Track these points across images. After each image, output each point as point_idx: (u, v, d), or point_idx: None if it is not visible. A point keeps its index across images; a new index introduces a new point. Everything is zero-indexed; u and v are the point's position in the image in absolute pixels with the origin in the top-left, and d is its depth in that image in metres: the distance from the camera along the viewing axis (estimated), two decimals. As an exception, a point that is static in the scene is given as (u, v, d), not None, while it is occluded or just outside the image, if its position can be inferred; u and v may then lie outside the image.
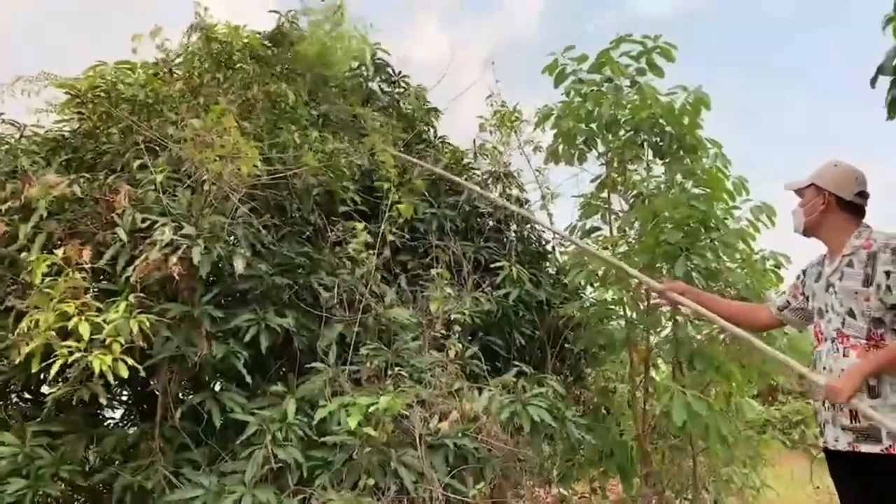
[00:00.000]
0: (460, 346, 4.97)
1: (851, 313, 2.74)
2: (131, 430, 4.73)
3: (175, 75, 5.35)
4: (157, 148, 4.64)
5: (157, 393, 4.89)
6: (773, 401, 8.31)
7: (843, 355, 2.76)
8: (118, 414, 5.28)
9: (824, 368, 2.87)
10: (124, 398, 5.22)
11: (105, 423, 4.98)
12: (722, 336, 5.73)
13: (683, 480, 6.14)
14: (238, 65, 5.07)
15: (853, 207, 2.86)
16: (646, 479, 6.05)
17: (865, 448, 2.67)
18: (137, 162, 4.45)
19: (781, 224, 5.78)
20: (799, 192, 3.03)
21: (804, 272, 3.17)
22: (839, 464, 2.88)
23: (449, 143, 6.79)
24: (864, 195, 2.87)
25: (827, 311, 2.88)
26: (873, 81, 2.91)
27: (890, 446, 2.59)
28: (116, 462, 4.37)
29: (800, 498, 7.18)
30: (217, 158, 3.80)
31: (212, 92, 4.69)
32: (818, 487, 5.95)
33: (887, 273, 2.63)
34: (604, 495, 6.54)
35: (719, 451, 5.05)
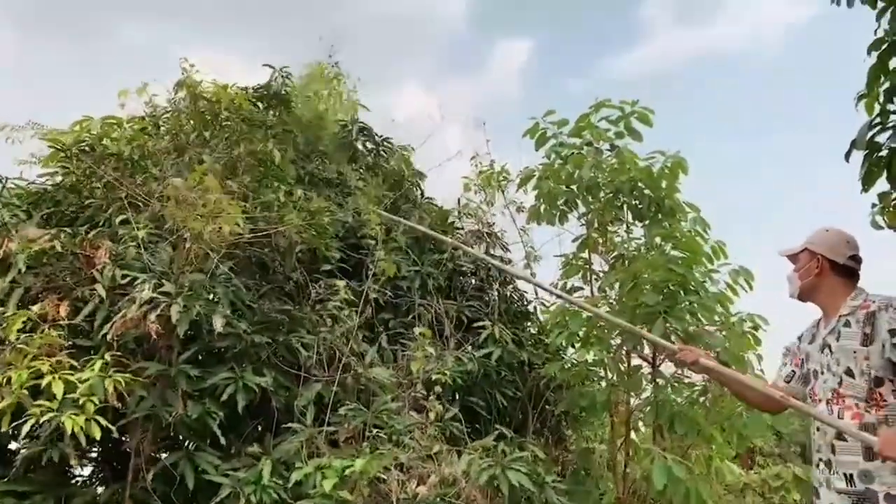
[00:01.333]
0: (441, 407, 4.92)
1: (850, 373, 2.75)
2: (101, 490, 4.62)
3: (158, 132, 5.41)
4: (141, 204, 4.64)
5: (128, 451, 4.80)
6: (752, 464, 8.26)
7: (839, 416, 2.76)
8: (87, 471, 5.13)
9: (818, 430, 2.87)
10: (93, 455, 5.08)
11: (74, 482, 4.84)
12: (702, 399, 5.74)
13: (665, 546, 6.03)
14: (224, 123, 5.12)
15: (847, 271, 2.91)
16: (627, 544, 5.95)
17: None
18: (120, 217, 4.44)
19: (759, 287, 5.86)
20: (792, 257, 3.08)
21: (799, 338, 3.19)
22: None
23: (434, 204, 6.86)
24: (856, 259, 2.92)
25: (822, 372, 2.89)
26: (847, 156, 3.01)
27: None
28: (86, 523, 4.24)
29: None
30: (198, 217, 3.80)
31: (197, 150, 4.71)
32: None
33: (892, 332, 2.66)
34: (585, 562, 6.40)
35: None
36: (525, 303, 6.92)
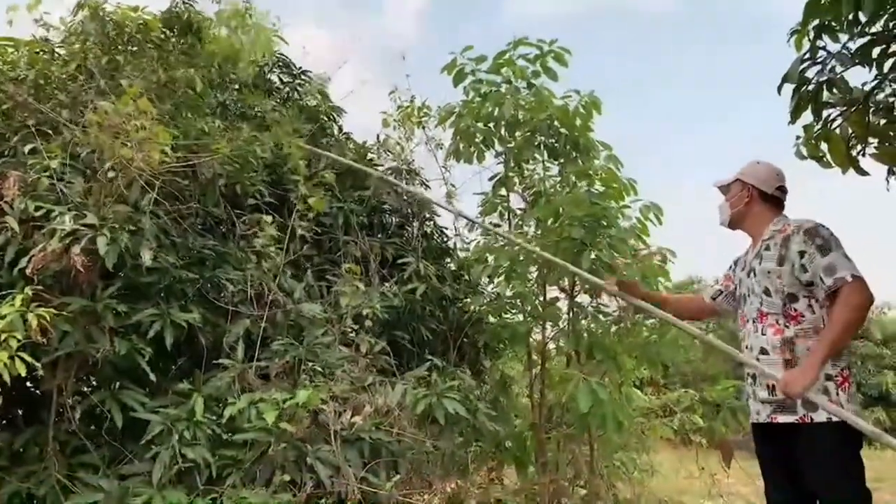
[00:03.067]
0: (371, 341, 4.96)
1: (767, 292, 3.00)
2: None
3: (59, 55, 5.02)
4: (50, 132, 4.33)
5: (39, 393, 4.59)
6: (659, 390, 8.83)
7: (762, 333, 3.02)
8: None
9: (747, 347, 3.13)
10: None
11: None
12: (614, 328, 6.06)
13: (577, 467, 6.40)
14: (136, 48, 4.81)
15: (774, 200, 3.15)
16: (542, 467, 6.27)
17: (782, 418, 2.92)
18: (28, 146, 4.12)
19: (668, 222, 6.19)
20: (724, 188, 3.29)
21: (735, 262, 3.43)
22: (761, 434, 3.13)
23: (352, 139, 6.76)
24: (783, 189, 3.15)
25: (749, 295, 3.14)
26: (779, 89, 3.20)
27: (804, 415, 2.84)
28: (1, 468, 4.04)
29: (681, 483, 7.69)
30: (126, 144, 3.59)
31: (112, 75, 4.42)
32: (703, 469, 6.40)
33: (801, 253, 2.90)
34: (501, 484, 6.71)
35: (615, 437, 5.33)
36: (445, 239, 7.00)
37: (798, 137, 3.44)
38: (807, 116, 3.27)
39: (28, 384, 4.61)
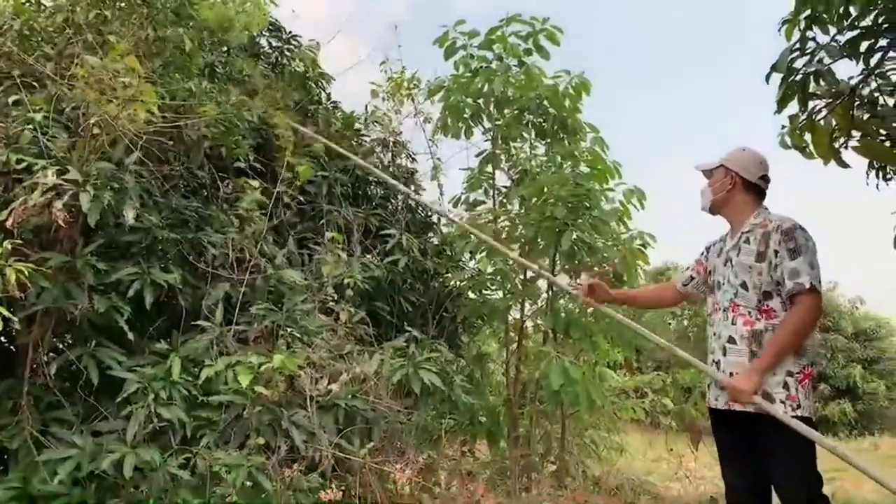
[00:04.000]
0: (350, 310, 4.98)
1: (744, 286, 3.05)
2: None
3: (46, 6, 4.93)
4: (35, 84, 4.27)
5: (14, 347, 4.57)
6: (633, 372, 8.98)
7: (732, 323, 3.08)
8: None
9: (714, 335, 3.19)
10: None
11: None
12: (590, 309, 6.13)
13: (548, 443, 6.51)
14: (125, 3, 4.73)
15: (756, 189, 3.17)
16: (514, 442, 6.37)
17: (739, 407, 3.00)
18: (12, 98, 4.06)
19: (650, 207, 6.25)
20: (707, 173, 3.31)
21: (707, 249, 3.46)
22: (719, 420, 3.20)
23: (340, 108, 6.71)
24: (766, 179, 3.18)
25: (723, 284, 3.18)
26: (767, 77, 3.24)
27: (758, 406, 2.92)
28: (-29, 421, 4.03)
29: (649, 465, 7.84)
30: (112, 101, 3.55)
31: (100, 30, 4.35)
32: (671, 450, 6.53)
33: (776, 252, 2.95)
34: (473, 457, 6.81)
35: (587, 415, 5.42)
36: (429, 214, 7.01)
37: (783, 127, 3.49)
38: (792, 107, 3.31)
39: (2, 338, 4.61)
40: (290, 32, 6.51)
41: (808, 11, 3.02)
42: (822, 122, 3.36)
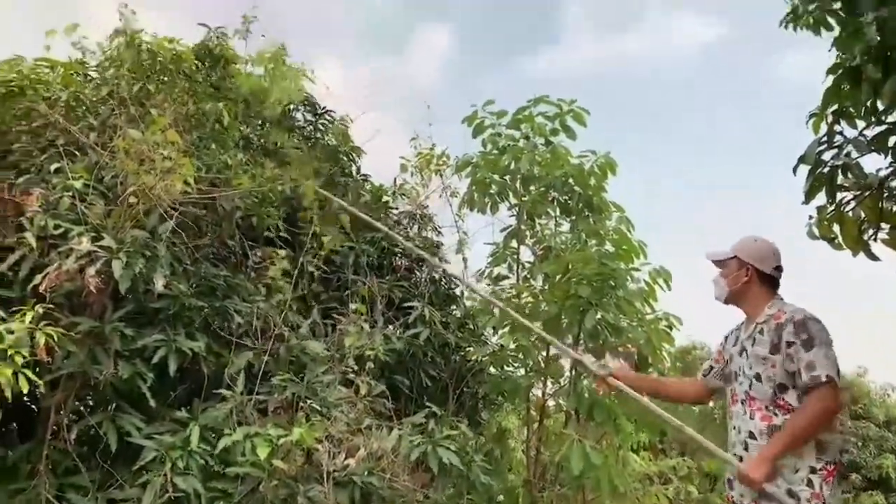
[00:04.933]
0: (370, 383, 4.96)
1: (758, 377, 2.98)
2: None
3: (92, 79, 5.16)
4: (76, 153, 4.43)
5: (37, 409, 4.59)
6: (657, 456, 8.75)
7: (750, 417, 3.00)
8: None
9: (734, 428, 3.11)
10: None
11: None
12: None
13: (568, 528, 6.31)
14: (168, 78, 4.93)
15: (771, 280, 3.14)
16: (532, 525, 6.18)
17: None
18: (55, 165, 4.21)
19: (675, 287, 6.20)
20: (718, 262, 3.28)
21: (725, 339, 3.40)
22: None
23: (370, 181, 6.85)
24: (780, 269, 3.16)
25: (739, 374, 3.12)
26: (795, 169, 3.26)
27: (771, 495, 2.82)
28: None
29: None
30: (150, 172, 3.67)
31: (143, 102, 4.53)
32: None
33: (789, 343, 2.90)
34: (490, 540, 6.61)
35: (609, 501, 5.26)
36: (453, 286, 7.03)
37: (811, 217, 3.49)
38: (820, 197, 3.32)
39: (26, 399, 4.63)
40: (323, 107, 6.71)
41: (836, 106, 3.07)
42: (850, 214, 3.36)
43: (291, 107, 6.55)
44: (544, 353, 6.35)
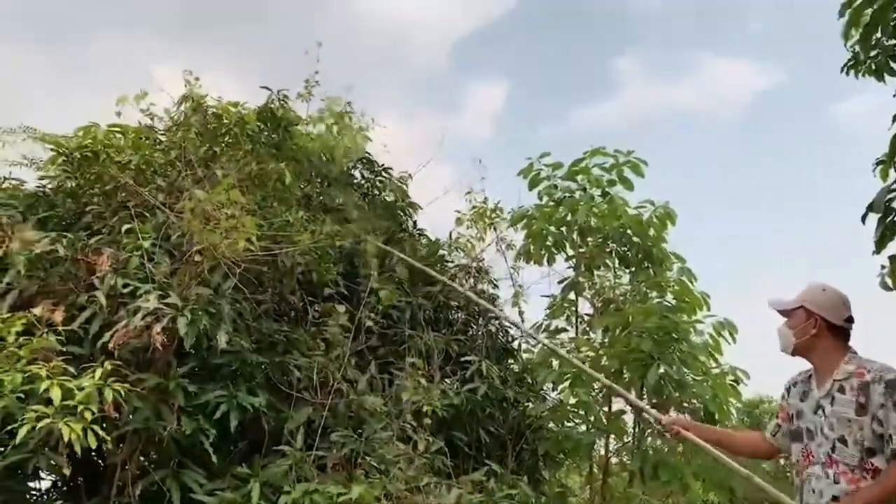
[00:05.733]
0: (428, 439, 4.90)
1: (843, 440, 2.79)
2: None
3: (161, 143, 5.38)
4: (146, 214, 4.60)
5: (103, 465, 4.67)
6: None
7: (835, 482, 2.79)
8: (44, 484, 4.91)
9: (813, 491, 2.91)
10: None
11: (29, 495, 4.64)
12: (680, 448, 5.82)
13: None
14: (233, 140, 5.12)
15: (842, 332, 2.97)
16: (598, 590, 5.95)
17: None
18: (125, 226, 4.38)
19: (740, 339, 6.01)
20: (784, 312, 3.12)
21: (787, 391, 3.21)
22: None
23: (425, 235, 6.91)
24: (850, 320, 2.98)
25: (817, 434, 2.92)
26: (864, 218, 3.15)
27: None
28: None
29: None
30: (215, 231, 3.78)
31: (208, 164, 4.70)
32: None
33: (881, 405, 2.72)
34: None
35: (678, 565, 5.03)
36: (510, 339, 6.96)
37: (883, 267, 3.34)
38: (892, 247, 3.19)
39: (93, 455, 4.73)
40: (381, 165, 6.84)
41: (905, 153, 2.97)
42: (924, 264, 3.21)
43: (350, 165, 6.70)
44: (606, 409, 6.20)
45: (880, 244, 3.13)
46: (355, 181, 6.74)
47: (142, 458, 4.43)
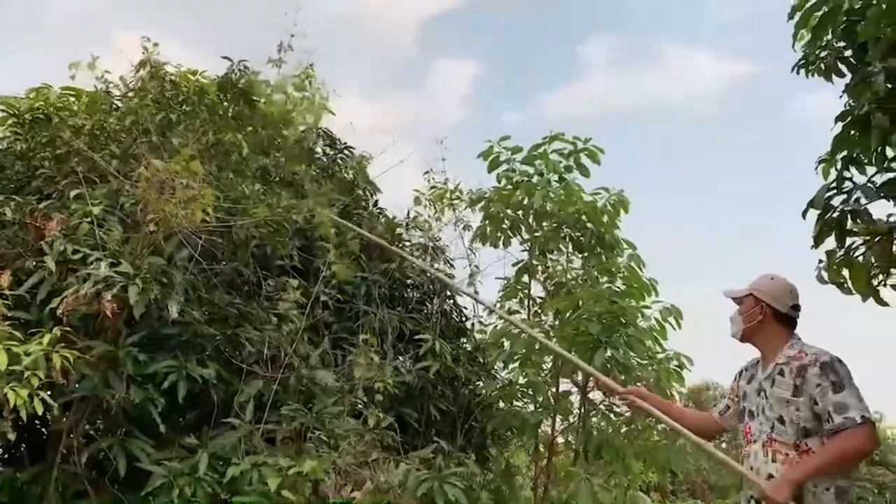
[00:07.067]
0: (379, 415, 4.96)
1: (781, 420, 2.95)
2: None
3: (117, 108, 5.28)
4: (97, 180, 4.52)
5: (47, 432, 4.64)
6: (666, 497, 8.62)
7: (772, 460, 2.95)
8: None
9: (751, 468, 3.07)
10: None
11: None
12: (624, 429, 5.99)
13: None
14: (191, 109, 5.05)
15: (787, 319, 3.12)
16: (538, 565, 6.11)
17: None
18: (74, 191, 4.30)
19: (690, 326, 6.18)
20: (736, 299, 3.27)
21: (739, 374, 3.38)
22: None
23: (385, 214, 6.92)
24: (797, 308, 3.14)
25: (758, 414, 3.08)
26: (804, 214, 3.29)
27: None
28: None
29: None
30: (171, 201, 3.75)
31: (164, 132, 4.64)
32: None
33: (817, 385, 2.88)
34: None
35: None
36: (463, 319, 7.04)
37: (820, 261, 3.49)
38: (830, 242, 3.33)
39: (37, 422, 4.67)
40: (343, 142, 6.81)
41: (845, 152, 3.10)
42: (860, 259, 3.36)
43: (312, 139, 6.65)
44: (554, 390, 6.34)
45: (818, 239, 3.28)
46: (316, 156, 6.70)
47: (88, 427, 4.40)
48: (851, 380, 2.86)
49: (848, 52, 3.53)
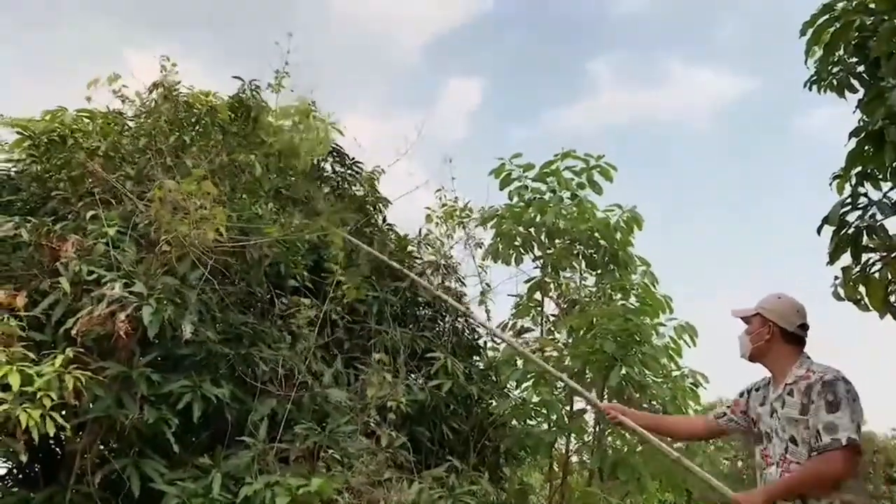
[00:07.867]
0: (392, 434, 4.94)
1: (794, 440, 2.93)
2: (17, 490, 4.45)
3: (129, 129, 5.33)
4: (112, 201, 4.56)
5: (61, 452, 4.64)
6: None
7: None
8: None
9: (764, 482, 3.05)
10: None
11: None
12: (639, 448, 5.93)
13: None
14: (204, 129, 5.09)
15: (795, 338, 3.10)
16: (554, 586, 6.04)
17: None
18: (90, 212, 4.34)
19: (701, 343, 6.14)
20: (745, 319, 3.25)
21: (748, 392, 3.35)
22: None
23: (395, 230, 6.93)
24: (805, 327, 3.12)
25: (773, 436, 3.06)
26: (819, 230, 3.26)
27: None
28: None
29: None
30: (184, 221, 3.78)
31: (178, 153, 4.68)
32: None
33: (816, 403, 2.86)
34: None
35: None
36: (475, 337, 7.02)
37: (836, 278, 3.46)
38: (845, 258, 3.30)
39: (51, 442, 4.68)
40: (353, 159, 6.85)
41: (860, 167, 3.08)
42: (876, 276, 3.32)
43: (318, 159, 6.68)
44: (568, 408, 6.30)
45: (834, 255, 3.25)
46: (326, 174, 6.73)
47: (102, 447, 4.40)
48: (850, 400, 2.85)
49: (860, 68, 3.52)
